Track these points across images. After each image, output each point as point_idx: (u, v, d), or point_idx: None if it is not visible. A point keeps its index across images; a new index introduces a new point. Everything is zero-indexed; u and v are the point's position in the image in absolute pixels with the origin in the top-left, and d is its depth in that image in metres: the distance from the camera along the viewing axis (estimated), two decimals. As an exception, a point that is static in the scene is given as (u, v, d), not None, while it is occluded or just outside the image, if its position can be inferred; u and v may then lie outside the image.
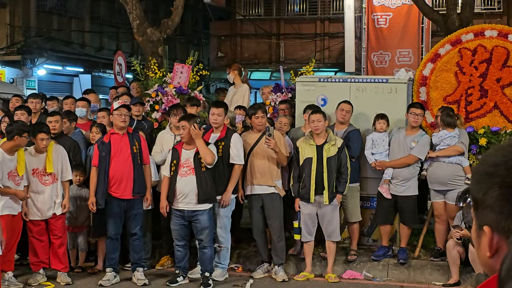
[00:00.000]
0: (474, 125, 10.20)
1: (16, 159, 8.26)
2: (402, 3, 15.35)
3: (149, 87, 11.99)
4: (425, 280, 9.14)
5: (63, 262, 8.92)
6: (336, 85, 10.77)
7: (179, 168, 8.72)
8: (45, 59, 24.54)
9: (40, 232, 8.78)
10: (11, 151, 8.20)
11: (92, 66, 26.62)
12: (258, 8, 25.04)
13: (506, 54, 10.52)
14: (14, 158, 8.22)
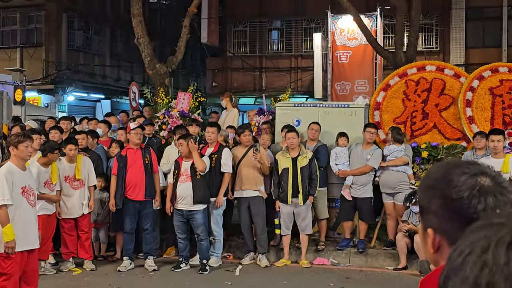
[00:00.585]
0: (417, 141, 10.28)
1: (50, 170, 8.31)
2: (359, 43, 15.41)
3: (157, 111, 12.04)
4: (380, 265, 9.17)
5: (89, 252, 8.96)
6: (307, 109, 10.83)
7: (179, 176, 8.80)
8: (73, 88, 24.47)
9: (70, 228, 8.82)
10: (46, 164, 8.25)
11: (111, 94, 26.57)
12: (244, 47, 24.99)
13: (442, 85, 10.63)
14: (48, 170, 8.26)
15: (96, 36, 26.65)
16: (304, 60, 22.84)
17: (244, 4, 24.63)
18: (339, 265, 9.24)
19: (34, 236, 6.53)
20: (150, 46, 14.16)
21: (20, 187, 6.37)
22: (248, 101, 22.15)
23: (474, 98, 10.29)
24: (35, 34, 24.59)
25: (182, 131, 9.42)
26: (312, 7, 22.33)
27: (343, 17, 15.85)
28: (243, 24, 24.93)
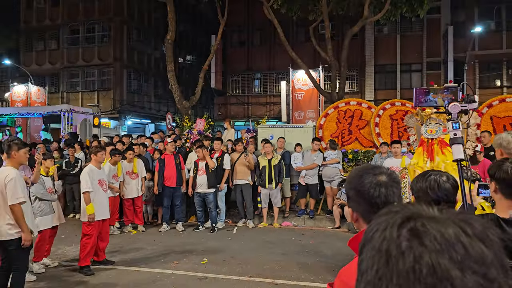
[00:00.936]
0: (345, 148, 10.35)
1: (116, 168, 8.28)
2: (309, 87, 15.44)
3: (184, 130, 12.03)
4: (323, 225, 9.15)
5: (141, 220, 8.91)
6: (278, 129, 10.84)
7: (198, 171, 8.79)
8: (131, 116, 24.48)
9: (129, 205, 8.76)
10: (114, 163, 8.21)
11: (155, 119, 26.53)
12: (238, 90, 25.08)
13: (360, 113, 10.72)
14: (115, 168, 8.24)
15: (145, 83, 26.62)
16: (275, 98, 22.90)
17: (238, 63, 24.73)
18: (298, 226, 9.24)
19: (106, 210, 6.51)
20: (179, 90, 14.15)
21: (97, 180, 6.36)
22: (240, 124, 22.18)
23: (380, 122, 10.37)
24: (107, 82, 24.54)
25: (199, 143, 9.40)
26: (280, 65, 22.46)
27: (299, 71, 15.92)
28: (237, 75, 25.02)
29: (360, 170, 1.53)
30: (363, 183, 1.45)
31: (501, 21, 20.96)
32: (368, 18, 13.89)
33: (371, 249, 0.60)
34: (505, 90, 20.36)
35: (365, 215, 1.45)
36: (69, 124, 13.48)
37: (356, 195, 1.47)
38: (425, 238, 0.56)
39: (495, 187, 2.20)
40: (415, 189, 2.14)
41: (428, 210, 0.62)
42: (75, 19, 24.77)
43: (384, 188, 1.44)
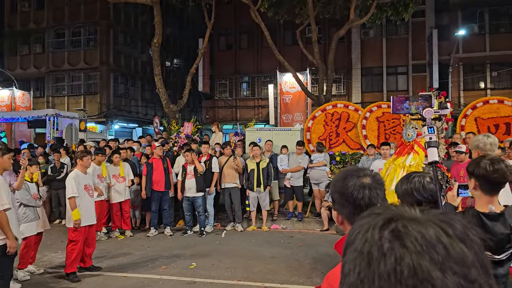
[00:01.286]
0: (333, 151, 10.39)
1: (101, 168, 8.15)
2: (297, 90, 15.53)
3: (171, 134, 11.95)
4: (311, 228, 9.17)
5: (128, 225, 8.82)
6: (265, 132, 10.86)
7: (186, 175, 8.74)
8: (118, 120, 24.25)
9: (117, 209, 8.68)
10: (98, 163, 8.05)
11: (142, 124, 26.35)
12: (226, 93, 25.02)
13: (348, 116, 10.78)
14: (100, 168, 8.11)
15: (132, 87, 26.41)
16: (263, 101, 22.92)
17: (226, 66, 24.71)
18: (287, 229, 9.24)
19: (92, 216, 6.42)
20: (166, 94, 14.07)
21: (83, 185, 6.27)
22: (228, 127, 22.16)
23: (367, 124, 10.44)
24: (93, 86, 24.30)
25: (187, 147, 9.35)
26: (267, 68, 22.49)
27: (286, 74, 15.98)
28: (225, 79, 24.99)
29: (344, 172, 1.54)
30: (347, 186, 1.45)
31: (484, 24, 21.31)
32: (354, 21, 14.01)
33: (353, 252, 0.60)
34: (488, 92, 20.68)
35: (350, 217, 1.46)
36: (54, 129, 13.31)
37: (340, 197, 1.48)
38: (406, 239, 0.56)
39: (475, 184, 2.26)
40: (400, 192, 2.16)
41: (410, 211, 0.62)
42: (60, 22, 24.51)
43: (368, 190, 1.44)
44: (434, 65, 20.29)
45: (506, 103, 9.85)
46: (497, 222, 2.19)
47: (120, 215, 8.72)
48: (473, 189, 2.30)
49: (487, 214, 2.20)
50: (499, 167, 2.21)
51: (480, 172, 2.22)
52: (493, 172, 2.20)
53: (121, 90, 25.22)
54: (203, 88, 22.89)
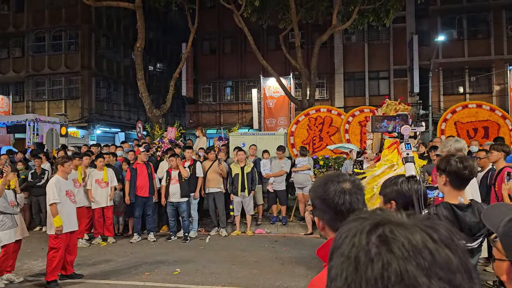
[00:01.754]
0: (316, 155, 10.46)
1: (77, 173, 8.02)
2: (280, 94, 15.59)
3: (154, 139, 11.87)
4: (296, 232, 9.19)
5: (111, 231, 8.70)
6: (249, 136, 10.87)
7: (170, 180, 8.69)
8: (100, 125, 23.95)
9: (99, 216, 8.56)
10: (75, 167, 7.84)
11: (125, 128, 26.05)
12: (209, 98, 24.92)
13: (331, 120, 10.86)
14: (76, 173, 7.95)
15: (114, 92, 26.11)
16: (247, 105, 22.92)
17: (209, 70, 24.66)
18: (271, 233, 9.24)
19: (74, 222, 6.33)
20: (149, 98, 13.97)
21: (64, 191, 6.18)
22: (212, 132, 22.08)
23: (350, 128, 10.54)
24: (75, 90, 23.95)
25: (171, 152, 9.30)
26: (251, 72, 22.55)
27: (270, 79, 16.04)
28: (208, 83, 24.93)
29: (324, 178, 1.56)
30: (328, 191, 1.47)
31: (463, 30, 21.80)
32: (337, 27, 14.17)
33: (340, 256, 0.60)
34: (467, 96, 21.13)
35: (331, 223, 1.47)
36: (34, 134, 13.07)
37: (321, 203, 1.49)
38: (394, 245, 0.56)
39: (446, 179, 2.44)
40: (388, 193, 2.22)
41: (396, 216, 0.62)
42: (40, 26, 24.12)
43: (349, 195, 1.47)
44: (415, 70, 20.64)
45: (484, 107, 10.07)
46: (467, 212, 2.36)
47: (103, 221, 8.59)
48: (443, 184, 2.46)
49: (458, 205, 2.37)
50: (468, 164, 2.40)
51: (452, 168, 2.39)
52: (463, 168, 2.37)
53: (103, 95, 24.91)
54: (186, 93, 22.80)
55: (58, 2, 23.44)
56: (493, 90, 21.07)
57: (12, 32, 24.69)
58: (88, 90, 23.62)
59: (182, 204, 8.65)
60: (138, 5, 13.39)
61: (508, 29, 20.92)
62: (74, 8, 23.19)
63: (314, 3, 14.57)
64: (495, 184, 5.48)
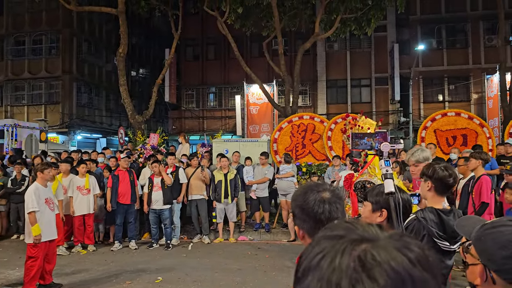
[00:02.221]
0: (299, 162, 10.52)
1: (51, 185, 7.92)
2: (263, 101, 15.67)
3: (137, 145, 11.75)
4: (279, 239, 9.20)
5: (91, 239, 8.54)
6: (232, 143, 10.87)
7: (153, 187, 8.61)
8: (81, 130, 23.56)
9: (80, 223, 8.41)
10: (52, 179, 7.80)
11: (107, 134, 25.67)
12: (193, 104, 24.78)
13: (313, 127, 10.96)
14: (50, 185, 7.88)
15: (96, 97, 25.76)
16: (230, 112, 22.89)
17: (192, 76, 24.58)
18: (254, 240, 9.23)
19: (53, 230, 6.20)
20: (131, 104, 13.83)
21: (44, 198, 6.05)
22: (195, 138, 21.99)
23: (332, 135, 10.64)
24: (55, 95, 23.54)
25: (153, 159, 9.22)
26: (234, 79, 22.57)
27: (253, 85, 16.10)
28: (192, 89, 24.83)
29: (304, 187, 1.59)
30: (308, 200, 1.50)
31: (442, 40, 22.30)
32: (319, 35, 14.32)
33: (319, 279, 0.59)
34: (447, 104, 21.57)
35: (311, 232, 1.49)
36: (13, 140, 12.79)
37: (301, 212, 1.51)
38: (376, 272, 0.56)
39: (431, 185, 2.54)
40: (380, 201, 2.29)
41: (370, 232, 0.62)
42: (20, 29, 23.69)
43: (328, 204, 1.49)
44: (396, 78, 20.99)
45: (462, 115, 10.31)
46: (449, 216, 2.47)
47: (83, 230, 8.44)
48: (427, 190, 2.57)
49: (442, 210, 2.49)
50: (452, 172, 2.54)
51: (438, 175, 2.51)
52: (448, 176, 2.51)
53: (85, 100, 24.55)
54: (169, 99, 22.68)
55: (38, 6, 23.01)
56: (471, 98, 21.56)
57: (-10, 35, 24.20)
58: (69, 95, 23.26)
59: (164, 211, 8.57)
60: (121, 10, 13.29)
61: (485, 39, 21.48)
62: (55, 12, 22.86)
63: (297, 11, 14.71)
64: (473, 192, 5.59)
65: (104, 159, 10.57)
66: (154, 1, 14.77)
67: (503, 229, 1.15)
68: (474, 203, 5.53)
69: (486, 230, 1.19)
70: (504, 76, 14.31)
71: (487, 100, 16.22)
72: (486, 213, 5.44)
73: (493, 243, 1.14)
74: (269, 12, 13.99)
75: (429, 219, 2.43)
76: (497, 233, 1.15)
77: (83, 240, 8.45)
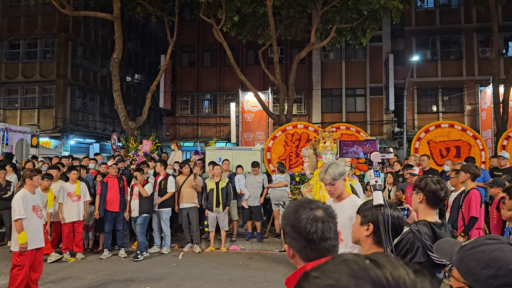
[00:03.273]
0: (293, 171, 10.46)
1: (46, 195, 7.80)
2: (258, 109, 15.60)
3: (129, 151, 11.64)
4: (271, 249, 9.09)
5: (80, 246, 8.40)
6: (226, 151, 10.79)
7: (132, 196, 8.61)
8: (74, 135, 23.38)
9: (69, 231, 8.26)
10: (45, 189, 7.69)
11: (100, 139, 25.52)
12: (187, 110, 24.65)
13: (307, 136, 10.92)
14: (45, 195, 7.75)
15: (90, 102, 25.59)
16: (224, 119, 22.85)
17: (187, 83, 24.53)
18: (246, 249, 9.13)
19: (40, 238, 6.05)
20: (125, 110, 13.74)
21: (31, 205, 5.92)
22: (189, 145, 21.89)
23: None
24: (49, 99, 23.38)
25: (144, 166, 9.11)
26: (229, 86, 22.56)
27: (248, 93, 16.06)
28: (187, 96, 24.75)
29: (296, 205, 1.52)
30: (300, 219, 1.44)
31: (436, 51, 22.44)
32: (315, 44, 14.34)
33: None
34: (440, 115, 21.66)
35: (302, 251, 1.44)
36: (4, 144, 12.64)
37: (292, 230, 1.46)
38: None
39: (422, 197, 2.56)
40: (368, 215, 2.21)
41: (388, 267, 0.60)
42: (15, 33, 23.58)
43: (321, 223, 1.44)
44: (390, 88, 21.05)
45: (456, 127, 10.31)
46: (442, 230, 2.48)
47: (72, 237, 8.30)
48: (419, 202, 2.58)
49: (435, 223, 2.49)
50: (444, 185, 2.56)
51: (431, 188, 2.52)
52: (440, 189, 2.53)
53: (79, 105, 24.40)
54: (164, 105, 22.58)
55: (34, 10, 22.93)
56: (464, 109, 21.66)
57: (-15, 38, 24.05)
58: (63, 100, 23.11)
59: (138, 218, 8.46)
60: (116, 16, 13.24)
61: (479, 51, 21.64)
62: (51, 16, 22.77)
63: (293, 20, 14.72)
64: (462, 206, 5.54)
65: (96, 165, 10.45)
66: (150, 7, 14.74)
67: (484, 248, 1.14)
68: (463, 217, 5.49)
69: (467, 251, 1.17)
70: (497, 88, 14.37)
71: (481, 111, 16.29)
72: (475, 227, 5.39)
73: (476, 264, 1.12)
74: (265, 20, 14.00)
75: (423, 232, 2.43)
76: (479, 253, 1.14)
77: (72, 248, 8.31)
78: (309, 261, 1.43)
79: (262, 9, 13.12)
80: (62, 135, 22.70)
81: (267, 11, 12.92)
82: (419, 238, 2.40)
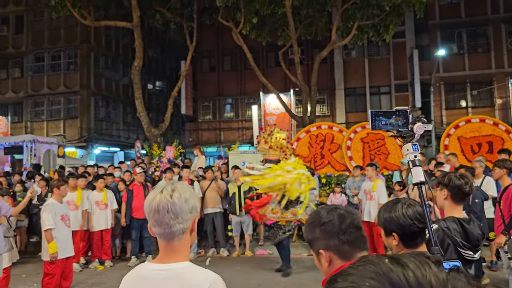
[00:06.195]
0: (318, 173, 10.38)
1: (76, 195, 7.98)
2: (281, 111, 15.58)
3: (153, 158, 11.79)
4: (299, 253, 8.97)
5: (108, 254, 8.55)
6: (249, 155, 10.81)
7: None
8: (99, 144, 23.91)
9: (98, 239, 8.43)
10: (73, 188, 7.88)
11: (124, 147, 25.99)
12: (209, 115, 24.94)
13: (332, 137, 10.81)
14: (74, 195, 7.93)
15: (113, 111, 26.17)
16: (247, 123, 22.91)
17: (209, 88, 24.76)
18: (273, 254, 9.06)
19: (70, 247, 6.21)
20: (147, 117, 13.96)
21: (59, 215, 6.07)
22: (212, 150, 22.03)
23: (352, 145, 10.48)
24: (73, 110, 24.01)
25: (169, 171, 9.22)
26: (251, 89, 22.62)
27: (270, 95, 16.06)
28: (208, 101, 24.98)
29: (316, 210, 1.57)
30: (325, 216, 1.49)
31: (463, 45, 21.92)
32: (336, 43, 14.23)
33: None
34: (470, 110, 21.11)
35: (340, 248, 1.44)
36: (32, 155, 13.02)
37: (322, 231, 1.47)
38: None
39: (447, 194, 2.55)
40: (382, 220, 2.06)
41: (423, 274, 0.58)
42: (40, 46, 24.32)
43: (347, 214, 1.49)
44: (416, 84, 20.67)
45: (487, 122, 10.02)
46: (471, 225, 2.45)
47: (101, 245, 8.45)
48: (444, 199, 2.56)
49: (463, 219, 2.48)
50: (468, 180, 2.55)
51: (455, 183, 2.51)
52: (465, 183, 2.51)
53: (102, 114, 24.96)
54: (186, 111, 22.83)
55: (57, 23, 23.64)
56: (495, 103, 21.05)
57: (11, 52, 24.89)
58: (87, 110, 23.68)
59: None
60: (136, 24, 13.49)
61: (508, 42, 21.02)
62: (73, 28, 23.41)
63: (313, 20, 14.67)
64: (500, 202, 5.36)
65: (121, 173, 10.63)
66: (169, 14, 14.95)
67: None
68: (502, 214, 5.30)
69: None
70: (530, 79, 13.91)
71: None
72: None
73: None
74: (284, 21, 13.99)
75: (452, 229, 2.41)
76: None
77: (101, 256, 8.46)
78: (348, 259, 1.42)
79: (281, 10, 13.11)
80: (87, 145, 23.23)
81: (286, 12, 12.91)
82: (449, 235, 2.38)
